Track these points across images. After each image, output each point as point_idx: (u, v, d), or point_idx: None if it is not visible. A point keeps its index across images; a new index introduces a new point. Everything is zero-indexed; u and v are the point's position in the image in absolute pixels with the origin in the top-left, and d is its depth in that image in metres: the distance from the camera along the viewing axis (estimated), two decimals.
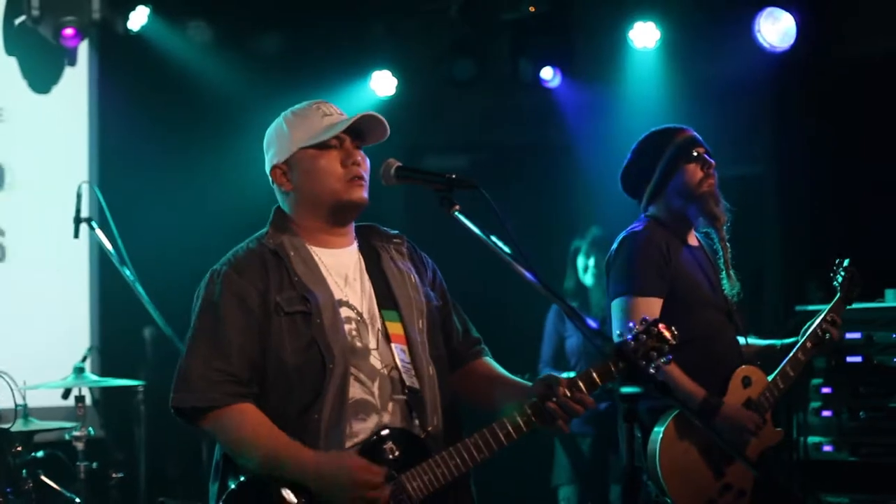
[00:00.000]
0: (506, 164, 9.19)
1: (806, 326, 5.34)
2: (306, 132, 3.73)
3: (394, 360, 3.68)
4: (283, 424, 3.57)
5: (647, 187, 5.19)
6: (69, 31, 7.81)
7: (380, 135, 3.78)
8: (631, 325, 3.61)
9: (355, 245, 3.85)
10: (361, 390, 3.62)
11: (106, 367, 6.83)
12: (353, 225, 3.85)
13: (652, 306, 4.92)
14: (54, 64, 8.15)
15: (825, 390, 7.12)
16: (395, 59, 8.96)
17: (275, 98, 8.31)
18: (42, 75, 8.10)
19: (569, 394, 3.50)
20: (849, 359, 7.01)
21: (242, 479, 3.58)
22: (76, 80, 8.27)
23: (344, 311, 3.68)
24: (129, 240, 6.75)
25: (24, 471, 6.10)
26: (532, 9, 8.28)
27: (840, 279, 5.49)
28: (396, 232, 3.99)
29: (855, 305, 5.72)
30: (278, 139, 3.80)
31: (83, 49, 8.25)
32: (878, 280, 6.95)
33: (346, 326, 3.65)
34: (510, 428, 3.55)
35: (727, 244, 5.15)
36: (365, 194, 3.73)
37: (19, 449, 6.10)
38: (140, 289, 6.60)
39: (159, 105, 8.26)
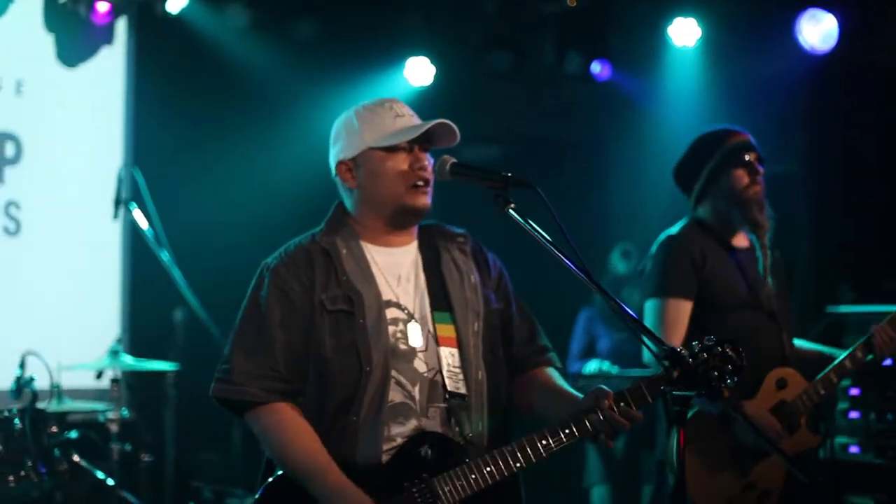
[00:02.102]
0: (539, 157, 9.18)
1: (862, 339, 5.20)
2: (377, 132, 3.70)
3: (439, 363, 3.66)
4: (321, 421, 3.59)
5: (695, 186, 5.20)
6: (103, 7, 7.80)
7: (449, 140, 3.75)
8: (695, 343, 3.48)
9: (415, 244, 3.82)
10: (401, 394, 3.61)
11: (135, 349, 6.85)
12: (415, 226, 3.83)
13: (682, 308, 4.98)
14: (92, 43, 8.14)
15: (853, 392, 7.13)
16: (432, 48, 8.95)
17: (311, 83, 8.48)
18: (79, 54, 8.09)
19: (615, 408, 3.47)
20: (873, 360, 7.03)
21: (280, 472, 3.59)
22: (113, 61, 8.24)
23: (391, 312, 3.67)
24: (163, 222, 6.80)
25: (57, 450, 6.14)
26: (572, 2, 8.24)
27: None
28: (462, 231, 3.95)
29: (884, 308, 5.70)
30: (347, 134, 3.76)
31: (121, 30, 8.25)
32: None
33: (391, 328, 3.64)
34: (551, 440, 3.51)
35: (768, 251, 5.15)
36: (428, 200, 3.71)
37: (54, 429, 6.13)
38: (177, 272, 6.64)
39: (195, 88, 8.24)
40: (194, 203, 8.02)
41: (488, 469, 3.50)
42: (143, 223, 6.73)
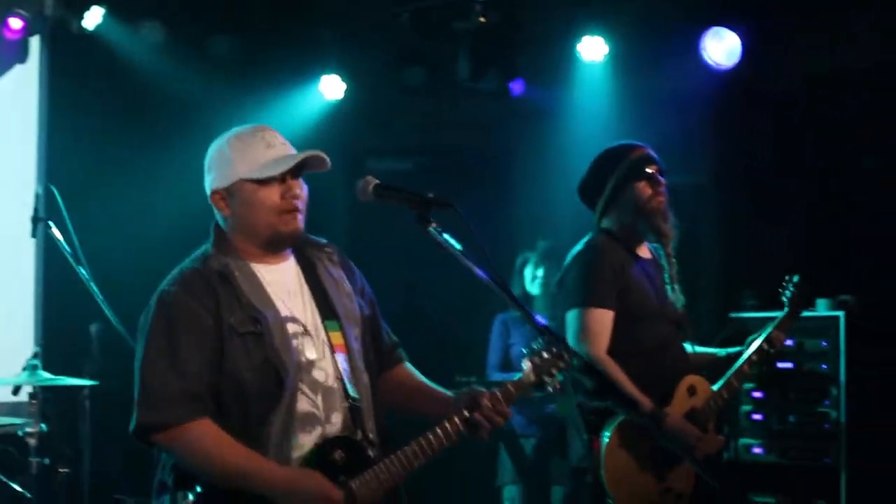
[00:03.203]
0: (451, 169, 9.30)
1: (751, 338, 5.50)
2: (249, 164, 3.75)
3: (337, 370, 3.78)
4: (236, 437, 3.63)
5: (600, 200, 5.34)
6: (16, 24, 7.77)
7: (320, 166, 3.83)
8: (536, 343, 3.86)
9: (293, 259, 3.92)
10: (308, 403, 3.70)
11: (51, 363, 6.86)
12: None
13: (605, 318, 5.08)
14: (5, 61, 8.12)
15: (756, 394, 7.35)
16: (344, 64, 9.04)
17: (226, 99, 8.53)
18: None
19: (491, 406, 3.71)
20: (780, 365, 7.24)
21: (199, 489, 3.61)
22: (27, 78, 8.23)
23: (291, 327, 3.75)
24: (80, 239, 6.81)
25: None
26: (483, 19, 8.35)
27: (789, 294, 5.65)
28: (326, 241, 4.06)
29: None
30: (220, 164, 3.84)
31: (34, 47, 8.23)
32: (811, 290, 7.18)
33: (294, 342, 3.74)
34: (443, 437, 3.70)
35: (673, 260, 5.31)
36: (300, 225, 3.79)
37: None
38: (94, 288, 6.66)
39: (111, 105, 8.26)
40: (111, 219, 8.00)
41: (395, 469, 3.68)
42: (61, 240, 6.74)
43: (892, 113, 7.89)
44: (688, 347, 5.41)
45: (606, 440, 4.99)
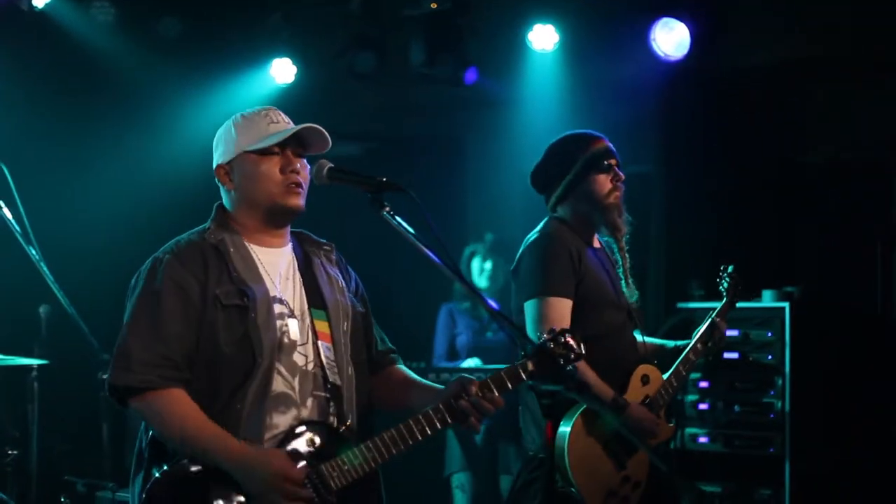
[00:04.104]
0: (400, 156, 9.33)
1: (697, 329, 5.57)
2: (251, 137, 3.89)
3: (319, 356, 3.85)
4: (209, 410, 3.69)
5: (556, 188, 5.32)
6: None
7: (322, 146, 3.94)
8: (543, 335, 3.82)
9: (289, 246, 4.02)
10: (283, 384, 3.78)
11: None
12: (288, 227, 4.02)
13: (564, 307, 5.06)
14: None
15: (703, 384, 7.43)
16: (296, 47, 9.03)
17: (177, 80, 8.51)
18: None
19: (481, 394, 3.72)
20: (726, 355, 7.32)
21: (166, 467, 3.67)
22: None
23: (277, 308, 3.83)
24: (29, 218, 6.77)
25: None
26: (434, 5, 8.36)
27: (725, 285, 5.77)
28: (326, 241, 4.18)
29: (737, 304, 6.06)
30: (225, 140, 3.96)
31: None
32: (756, 281, 7.26)
33: (279, 322, 3.81)
34: (425, 424, 3.73)
35: (626, 254, 5.34)
36: (301, 201, 3.89)
37: None
38: (45, 268, 6.63)
39: (61, 83, 8.23)
40: (60, 199, 7.98)
41: (371, 454, 3.70)
42: (10, 219, 6.70)
43: (839, 104, 7.99)
44: (637, 337, 5.45)
45: (569, 428, 4.99)
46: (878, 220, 7.80)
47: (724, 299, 5.74)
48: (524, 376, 3.78)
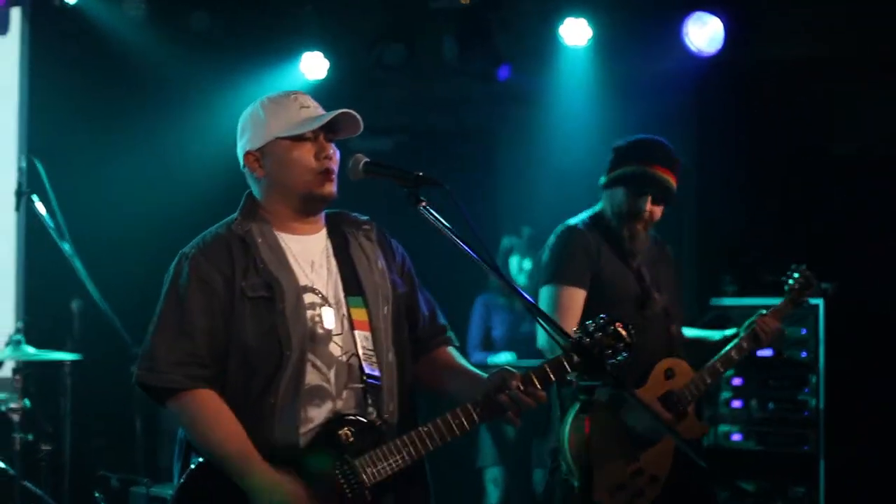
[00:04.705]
0: (430, 149, 9.31)
1: (745, 325, 5.46)
2: (283, 122, 3.78)
3: (355, 346, 3.77)
4: (241, 407, 3.66)
5: (608, 168, 5.33)
6: None
7: (353, 129, 3.85)
8: (588, 322, 3.72)
9: (324, 232, 3.92)
10: (318, 377, 3.70)
11: (32, 339, 6.85)
12: (322, 213, 3.93)
13: (576, 296, 5.12)
14: None
15: (736, 382, 7.40)
16: (326, 41, 9.02)
17: (208, 75, 8.52)
18: None
19: (522, 387, 3.61)
20: (759, 352, 7.25)
21: (202, 459, 3.67)
22: (8, 51, 8.15)
23: (308, 297, 3.75)
24: (63, 213, 6.80)
25: None
26: (465, 0, 8.34)
27: (791, 282, 5.60)
28: (366, 218, 4.06)
29: (767, 300, 5.91)
30: (254, 125, 3.84)
31: (15, 20, 8.19)
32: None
33: (309, 312, 3.73)
34: (463, 418, 3.66)
35: (644, 271, 5.30)
36: (334, 188, 3.80)
37: None
38: (78, 263, 6.66)
39: (94, 79, 8.22)
40: (94, 194, 8.00)
41: (407, 449, 3.64)
42: (44, 214, 6.74)
43: (871, 97, 7.94)
44: (682, 332, 5.41)
45: (568, 420, 4.99)
46: None
47: (787, 297, 5.59)
48: (569, 368, 3.68)
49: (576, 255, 5.17)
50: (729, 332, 5.53)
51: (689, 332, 5.53)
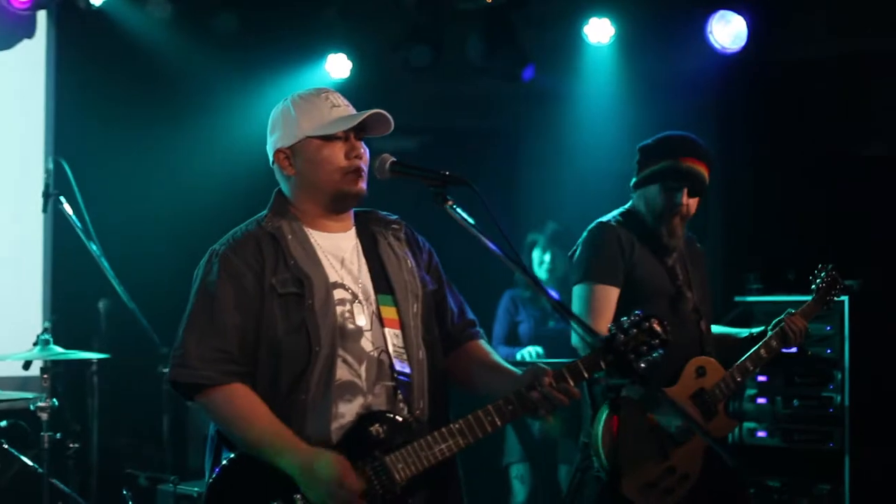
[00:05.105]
0: (455, 149, 9.32)
1: (775, 321, 5.46)
2: (314, 121, 3.81)
3: (385, 343, 3.78)
4: (273, 403, 3.67)
5: (637, 174, 5.30)
6: None
7: (383, 129, 3.88)
8: (623, 318, 3.69)
9: (353, 230, 3.94)
10: (349, 372, 3.71)
11: (59, 339, 6.91)
12: (351, 211, 3.95)
13: (610, 294, 5.09)
14: (12, 36, 8.13)
15: (761, 378, 7.38)
16: (350, 42, 9.05)
17: (233, 76, 8.56)
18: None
19: (555, 384, 3.60)
20: (784, 349, 7.27)
21: (233, 455, 3.69)
22: (34, 53, 8.21)
23: (338, 293, 3.77)
24: (89, 214, 6.85)
25: None
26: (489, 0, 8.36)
27: (819, 282, 5.61)
28: (396, 217, 4.08)
29: (791, 298, 5.99)
30: (284, 123, 3.87)
31: (42, 22, 8.24)
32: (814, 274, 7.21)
33: (339, 308, 3.74)
34: (495, 415, 3.64)
35: (678, 270, 5.29)
36: (364, 186, 3.83)
37: None
38: (105, 263, 6.71)
39: (118, 80, 8.23)
40: (120, 194, 8.03)
41: (438, 446, 3.62)
42: (71, 214, 6.79)
43: None
44: (712, 329, 5.42)
45: (601, 418, 4.98)
46: None
47: (814, 296, 5.60)
48: (602, 365, 3.66)
49: (609, 252, 5.15)
50: (756, 329, 5.52)
51: (714, 329, 5.52)
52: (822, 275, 5.62)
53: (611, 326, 3.69)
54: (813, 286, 5.62)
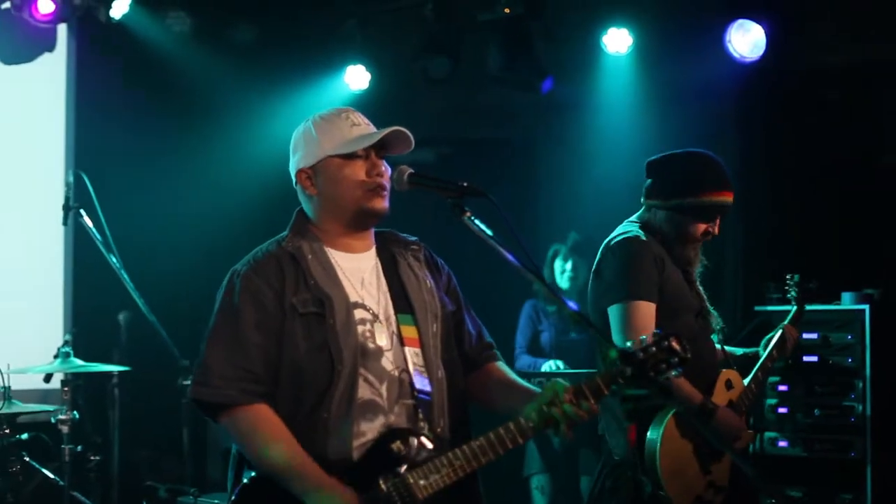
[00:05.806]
0: (473, 160, 9.33)
1: (767, 337, 5.68)
2: (335, 140, 3.83)
3: (406, 362, 3.79)
4: (294, 422, 3.68)
5: (663, 197, 5.20)
6: (47, 7, 7.70)
7: (404, 147, 3.89)
8: (643, 337, 3.64)
9: (373, 250, 3.96)
10: (370, 391, 3.72)
11: (78, 352, 6.94)
12: (372, 231, 3.97)
13: (649, 311, 5.00)
14: (33, 49, 8.17)
15: (782, 388, 7.36)
16: (369, 54, 9.07)
17: (252, 89, 8.58)
18: (20, 60, 8.11)
19: (575, 401, 3.58)
20: (805, 358, 7.26)
21: (254, 474, 3.70)
22: (55, 66, 8.28)
23: (359, 313, 3.78)
24: (109, 227, 6.88)
25: (9, 452, 6.26)
26: (507, 10, 8.35)
27: (794, 293, 6.02)
28: (415, 239, 4.10)
29: (813, 307, 6.14)
30: (306, 143, 3.90)
31: (62, 35, 8.29)
32: (835, 284, 7.20)
33: (360, 328, 3.76)
34: (516, 433, 3.62)
35: (699, 287, 5.31)
36: (386, 203, 3.84)
37: (7, 431, 6.23)
38: (125, 276, 6.73)
39: (138, 93, 8.29)
40: (140, 207, 8.07)
41: (459, 463, 3.60)
42: (91, 227, 6.83)
43: None
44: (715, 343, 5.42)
45: (660, 432, 4.96)
46: None
47: (794, 308, 5.97)
48: (622, 382, 3.62)
49: (646, 267, 5.06)
50: (749, 350, 5.73)
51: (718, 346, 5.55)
52: (793, 286, 6.15)
53: (630, 343, 3.66)
54: (789, 296, 6.10)
